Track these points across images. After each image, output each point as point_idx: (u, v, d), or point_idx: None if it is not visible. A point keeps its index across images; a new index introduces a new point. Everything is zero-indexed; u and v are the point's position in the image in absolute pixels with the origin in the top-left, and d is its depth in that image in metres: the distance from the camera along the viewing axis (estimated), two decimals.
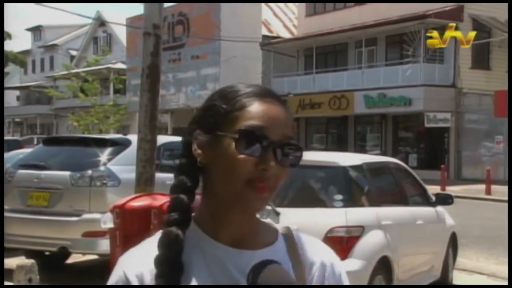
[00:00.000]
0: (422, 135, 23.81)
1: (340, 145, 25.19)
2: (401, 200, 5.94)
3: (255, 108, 1.01)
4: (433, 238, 6.10)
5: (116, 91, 34.39)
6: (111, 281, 1.02)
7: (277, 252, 1.05)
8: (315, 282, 1.06)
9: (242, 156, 0.97)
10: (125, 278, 1.00)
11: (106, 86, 34.10)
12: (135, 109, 23.18)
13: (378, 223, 5.02)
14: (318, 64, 26.87)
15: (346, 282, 1.10)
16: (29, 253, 6.73)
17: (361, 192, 5.25)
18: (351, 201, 5.02)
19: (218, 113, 1.02)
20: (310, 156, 6.25)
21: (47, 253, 6.98)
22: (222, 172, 0.99)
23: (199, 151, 1.02)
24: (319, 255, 1.08)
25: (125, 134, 7.57)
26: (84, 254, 6.58)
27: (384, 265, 4.98)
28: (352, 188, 5.25)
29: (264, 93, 1.04)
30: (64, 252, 6.64)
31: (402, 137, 25.09)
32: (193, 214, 1.04)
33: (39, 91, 45.18)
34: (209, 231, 1.03)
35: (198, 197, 1.06)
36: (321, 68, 26.80)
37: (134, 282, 0.99)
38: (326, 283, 1.07)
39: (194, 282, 0.99)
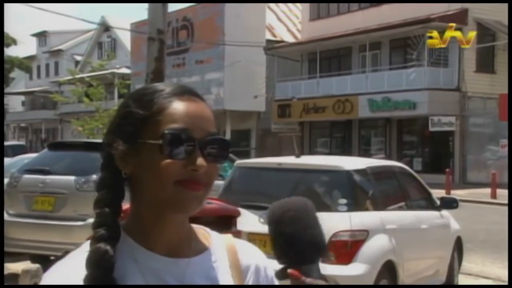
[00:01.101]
0: (427, 139, 23.75)
1: (344, 149, 25.15)
2: (406, 204, 5.92)
3: (174, 109, 0.97)
4: (438, 242, 6.08)
5: (121, 96, 34.41)
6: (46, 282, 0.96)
7: (213, 257, 1.04)
8: (251, 284, 1.06)
9: (168, 161, 0.94)
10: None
11: (111, 91, 34.20)
12: None
13: (383, 227, 5.01)
14: (322, 68, 26.87)
15: (277, 282, 1.12)
16: (34, 258, 6.74)
17: (365, 196, 5.24)
18: (355, 205, 5.01)
19: (135, 119, 0.97)
20: (314, 160, 6.24)
21: (52, 258, 7.00)
22: (150, 180, 0.96)
23: (122, 163, 0.98)
24: (253, 259, 1.08)
25: None
26: None
27: (388, 269, 4.97)
28: (356, 192, 5.23)
29: (181, 91, 1.00)
30: None
31: (406, 141, 25.04)
32: (122, 224, 1.00)
33: (44, 96, 45.34)
34: (142, 242, 0.99)
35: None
36: (325, 72, 26.80)
37: None
38: (261, 285, 1.08)
39: None
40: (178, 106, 0.98)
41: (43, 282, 0.97)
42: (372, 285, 4.77)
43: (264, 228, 4.90)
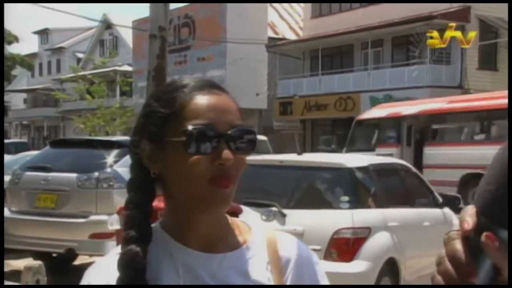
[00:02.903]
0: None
1: None
2: (408, 201, 5.92)
3: (196, 104, 0.96)
4: (440, 240, 6.05)
5: (123, 93, 34.48)
6: None
7: (250, 252, 1.02)
8: (290, 280, 1.02)
9: (195, 157, 0.93)
10: None
11: (113, 88, 34.21)
12: None
13: (385, 225, 5.01)
14: (324, 65, 26.84)
15: (323, 280, 1.06)
16: (36, 255, 6.76)
17: (367, 194, 5.24)
18: (357, 203, 5.01)
19: (159, 118, 0.97)
20: (316, 158, 6.24)
21: (54, 255, 7.01)
22: (180, 178, 0.95)
23: (150, 162, 0.98)
24: (294, 252, 1.05)
25: None
26: (91, 255, 6.60)
27: (390, 267, 4.97)
28: (358, 190, 5.23)
29: (202, 85, 0.99)
30: (71, 254, 6.66)
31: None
32: (160, 221, 1.02)
33: (46, 93, 45.35)
34: (177, 238, 1.00)
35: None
36: (327, 69, 26.77)
37: None
38: (302, 282, 1.03)
39: None
40: (200, 101, 0.97)
41: (85, 277, 0.99)
42: (374, 285, 4.77)
43: (266, 226, 4.89)
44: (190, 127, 0.94)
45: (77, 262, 7.25)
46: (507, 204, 0.68)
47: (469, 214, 0.70)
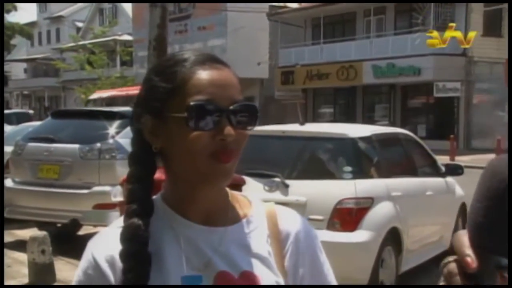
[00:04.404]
0: (431, 105, 23.62)
1: (348, 117, 25.07)
2: (411, 171, 5.92)
3: (198, 79, 0.96)
4: (442, 209, 6.10)
5: (123, 63, 34.31)
6: (81, 267, 0.99)
7: (251, 225, 1.03)
8: (289, 254, 1.04)
9: (196, 133, 0.94)
10: (95, 262, 0.98)
11: (113, 58, 34.02)
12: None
13: (388, 195, 5.02)
14: (326, 34, 26.57)
15: (321, 254, 1.08)
16: (41, 225, 6.82)
17: (370, 164, 5.24)
18: (360, 173, 5.01)
19: (160, 93, 0.97)
20: (319, 128, 6.22)
21: (58, 225, 7.07)
22: (181, 153, 0.96)
23: (151, 137, 0.98)
24: (294, 226, 1.06)
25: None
26: (95, 226, 6.66)
27: (393, 236, 5.00)
28: (361, 160, 5.23)
29: (203, 59, 0.99)
30: (76, 224, 6.72)
31: (411, 107, 24.90)
32: (161, 194, 1.03)
33: (46, 63, 45.13)
34: (179, 211, 1.01)
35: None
36: (328, 38, 26.51)
37: (104, 266, 0.97)
38: (301, 255, 1.04)
39: (166, 263, 0.97)
40: (201, 76, 0.96)
41: (89, 248, 1.00)
42: (379, 285, 4.81)
43: (269, 196, 4.91)
44: (191, 103, 0.94)
45: (81, 232, 7.31)
46: (501, 229, 0.68)
47: (467, 247, 0.71)
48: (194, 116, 0.93)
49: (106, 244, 0.98)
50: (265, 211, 1.07)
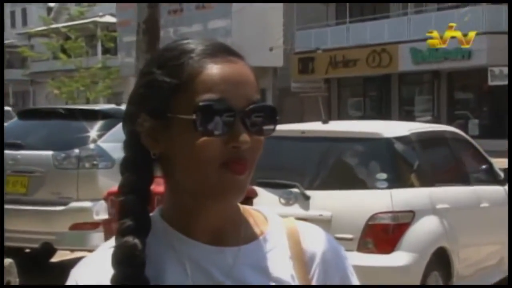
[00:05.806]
0: (485, 96, 23.61)
1: (382, 112, 25.08)
2: (461, 178, 5.91)
3: (208, 75, 0.97)
4: (502, 225, 6.06)
5: (106, 51, 34.51)
6: None
7: (268, 245, 1.05)
8: (316, 277, 1.05)
9: (205, 138, 0.95)
10: None
11: (93, 44, 34.23)
12: (129, 72, 23.16)
13: (432, 207, 5.02)
14: (353, 11, 26.65)
15: (353, 278, 1.08)
16: (6, 251, 6.84)
17: (409, 169, 5.25)
18: (397, 181, 5.02)
19: (162, 89, 0.98)
20: (346, 127, 6.23)
21: (27, 250, 7.10)
22: (186, 161, 0.97)
23: (149, 141, 1.00)
24: (320, 246, 1.07)
25: (118, 104, 7.61)
26: (72, 250, 6.68)
27: (440, 259, 5.00)
28: (398, 165, 5.25)
29: (214, 51, 1.00)
30: (48, 249, 6.74)
31: (459, 99, 24.93)
32: (159, 209, 1.04)
33: (10, 51, 45.48)
34: (182, 229, 1.02)
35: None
36: (356, 16, 26.57)
37: None
38: (329, 279, 1.05)
39: None
40: (212, 71, 0.98)
41: (72, 277, 1.01)
42: (418, 285, 4.80)
43: (286, 210, 4.91)
44: (200, 103, 0.95)
45: (55, 259, 7.34)
46: None
47: None
48: (203, 119, 0.95)
49: (93, 271, 0.99)
50: (285, 227, 1.08)
